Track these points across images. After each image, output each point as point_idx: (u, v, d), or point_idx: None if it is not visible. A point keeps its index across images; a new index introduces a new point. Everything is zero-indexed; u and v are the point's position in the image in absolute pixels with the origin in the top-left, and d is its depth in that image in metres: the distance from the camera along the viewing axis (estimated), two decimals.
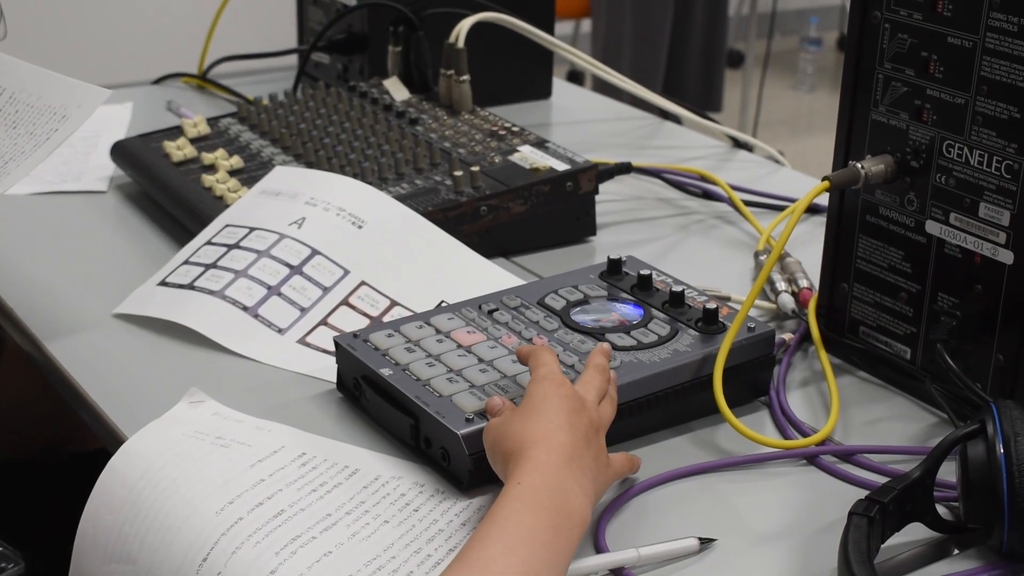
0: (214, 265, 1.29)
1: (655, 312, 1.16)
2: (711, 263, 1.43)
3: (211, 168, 1.51)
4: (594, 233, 1.48)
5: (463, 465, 1.00)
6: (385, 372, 1.07)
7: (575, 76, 4.53)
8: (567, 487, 0.90)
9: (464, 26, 1.61)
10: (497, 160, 1.47)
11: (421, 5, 1.71)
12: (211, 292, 1.25)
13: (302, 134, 1.55)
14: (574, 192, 1.44)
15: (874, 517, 0.91)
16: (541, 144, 1.50)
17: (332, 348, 1.15)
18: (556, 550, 0.86)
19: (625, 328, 1.13)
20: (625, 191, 1.62)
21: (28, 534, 1.28)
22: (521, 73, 1.94)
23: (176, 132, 1.61)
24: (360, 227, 1.32)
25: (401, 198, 1.38)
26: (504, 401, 0.99)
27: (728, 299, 1.29)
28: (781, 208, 1.55)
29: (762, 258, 1.39)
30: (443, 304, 1.25)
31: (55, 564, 1.11)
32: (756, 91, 4.54)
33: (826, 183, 1.13)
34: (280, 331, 1.22)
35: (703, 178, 1.62)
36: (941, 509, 0.97)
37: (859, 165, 1.13)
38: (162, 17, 4.23)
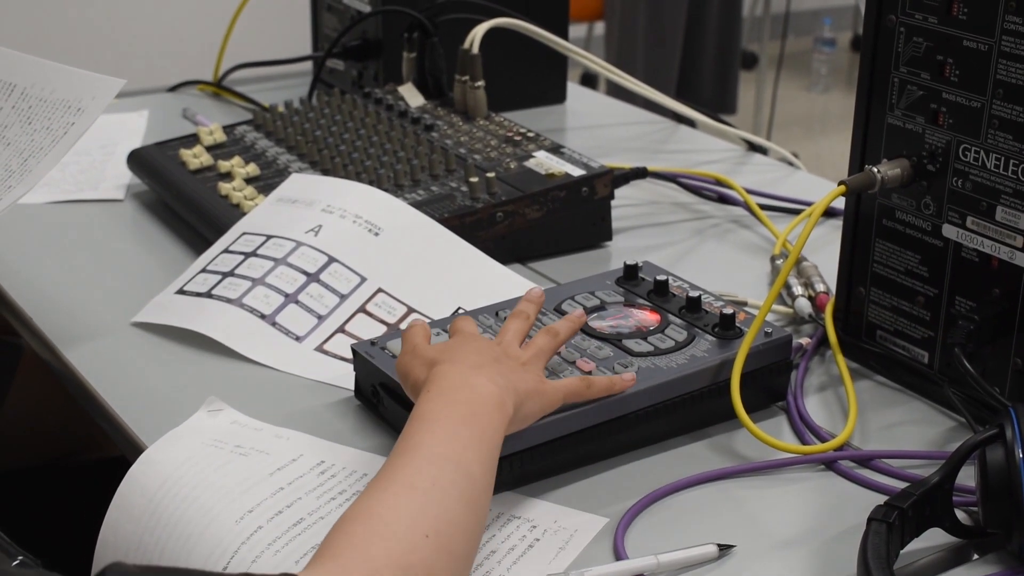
0: (231, 273, 1.29)
1: (672, 318, 1.16)
2: (727, 268, 1.43)
3: (227, 176, 1.51)
4: (610, 238, 1.48)
5: None
6: None
7: (588, 79, 4.53)
8: (475, 382, 0.97)
9: (479, 32, 1.61)
10: (513, 166, 1.47)
11: (436, 11, 1.71)
12: (229, 300, 1.26)
13: (318, 141, 1.55)
14: (590, 197, 1.44)
15: (893, 522, 0.90)
16: (556, 149, 1.51)
17: (350, 355, 1.15)
18: (479, 430, 0.93)
19: (642, 334, 1.13)
20: (640, 196, 1.62)
21: (47, 541, 1.28)
22: (535, 78, 1.94)
23: (192, 140, 1.62)
24: (377, 234, 1.33)
25: (417, 204, 1.38)
26: (417, 328, 1.07)
27: (745, 304, 1.29)
28: (797, 212, 1.55)
29: (778, 262, 1.39)
30: (460, 311, 1.25)
31: (74, 572, 1.12)
32: (770, 92, 4.54)
33: (842, 187, 1.13)
34: (297, 339, 1.23)
35: (718, 182, 1.62)
36: (960, 514, 0.97)
37: (875, 169, 1.13)
38: (177, 25, 4.24)
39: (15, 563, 0.96)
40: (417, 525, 0.84)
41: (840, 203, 1.20)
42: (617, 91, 2.61)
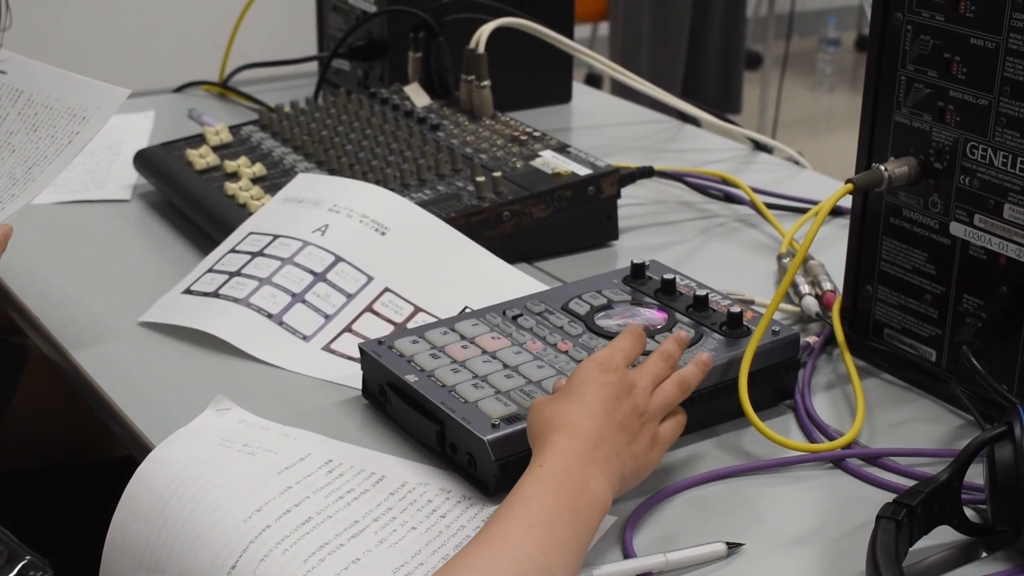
0: (238, 273, 1.29)
1: (679, 316, 1.16)
2: (734, 266, 1.43)
3: (234, 176, 1.51)
4: (616, 237, 1.48)
5: (489, 471, 1.00)
6: (410, 378, 1.08)
7: (593, 80, 4.53)
8: (588, 473, 0.92)
9: (484, 31, 1.61)
10: (519, 165, 1.47)
11: (441, 11, 1.71)
12: (236, 300, 1.26)
13: (324, 141, 1.55)
14: (596, 196, 1.44)
15: (902, 520, 0.90)
16: (563, 149, 1.50)
17: (357, 355, 1.15)
18: (575, 531, 0.89)
19: (649, 333, 1.13)
20: (647, 195, 1.62)
21: (55, 541, 1.28)
22: (541, 78, 1.94)
23: (198, 140, 1.62)
24: (383, 233, 1.33)
25: (424, 204, 1.38)
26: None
27: (752, 303, 1.29)
28: (803, 211, 1.55)
29: (785, 261, 1.39)
30: (467, 310, 1.25)
31: (83, 572, 1.12)
32: (775, 92, 4.54)
33: (849, 185, 1.13)
34: (305, 338, 1.23)
35: (724, 181, 1.62)
36: (969, 512, 0.97)
37: (882, 167, 1.13)
38: (183, 26, 4.24)
39: (22, 563, 0.97)
40: None
41: (846, 202, 1.20)
42: (622, 91, 2.61)
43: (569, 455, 0.93)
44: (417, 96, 1.67)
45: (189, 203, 1.49)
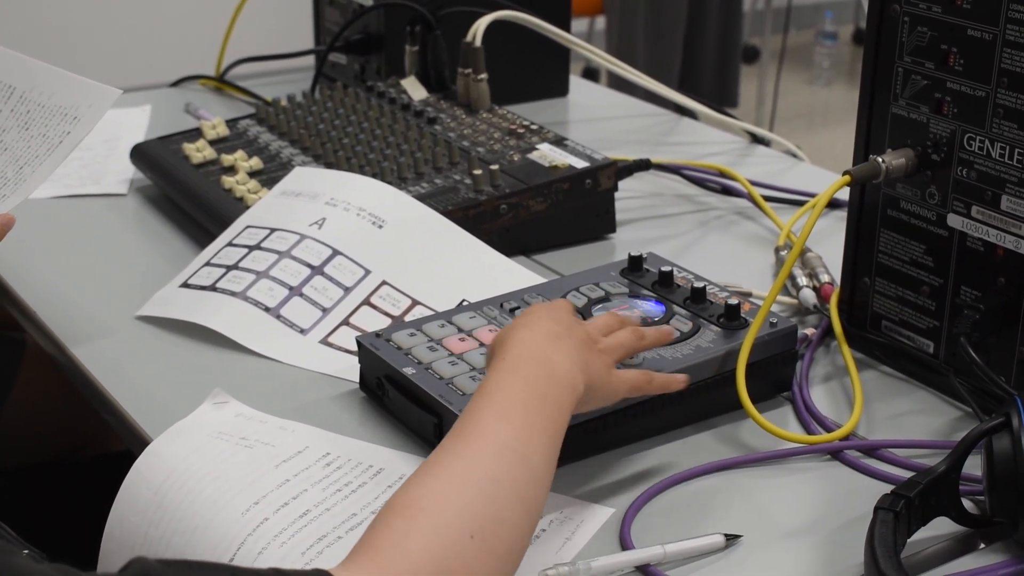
0: (236, 266, 1.29)
1: (677, 308, 1.16)
2: (731, 259, 1.43)
3: (231, 170, 1.51)
4: (614, 230, 1.48)
5: None
6: (408, 371, 1.07)
7: (590, 73, 4.52)
8: (553, 357, 0.93)
9: (481, 25, 1.61)
10: (516, 158, 1.47)
11: (438, 4, 1.71)
12: (233, 293, 1.25)
13: (321, 135, 1.55)
14: (593, 189, 1.44)
15: (900, 512, 0.90)
16: (560, 142, 1.50)
17: (354, 348, 1.15)
18: (546, 416, 0.89)
19: (647, 325, 1.13)
20: (644, 188, 1.62)
21: (52, 536, 1.28)
22: (538, 71, 1.94)
23: (195, 134, 1.62)
24: (380, 227, 1.33)
25: (421, 197, 1.38)
26: None
27: (749, 295, 1.29)
28: (800, 203, 1.55)
29: (783, 253, 1.39)
30: (464, 303, 1.25)
31: (81, 566, 1.12)
32: (772, 86, 4.54)
33: (847, 177, 1.13)
34: (302, 331, 1.23)
35: (722, 174, 1.62)
36: (967, 503, 0.97)
37: (880, 159, 1.13)
38: (179, 20, 4.24)
39: (24, 554, 0.97)
40: (464, 524, 0.80)
41: (844, 194, 1.20)
42: (619, 84, 2.61)
43: (532, 344, 0.94)
44: (414, 89, 1.67)
45: (186, 197, 1.49)
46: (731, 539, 0.95)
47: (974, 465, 0.97)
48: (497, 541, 0.81)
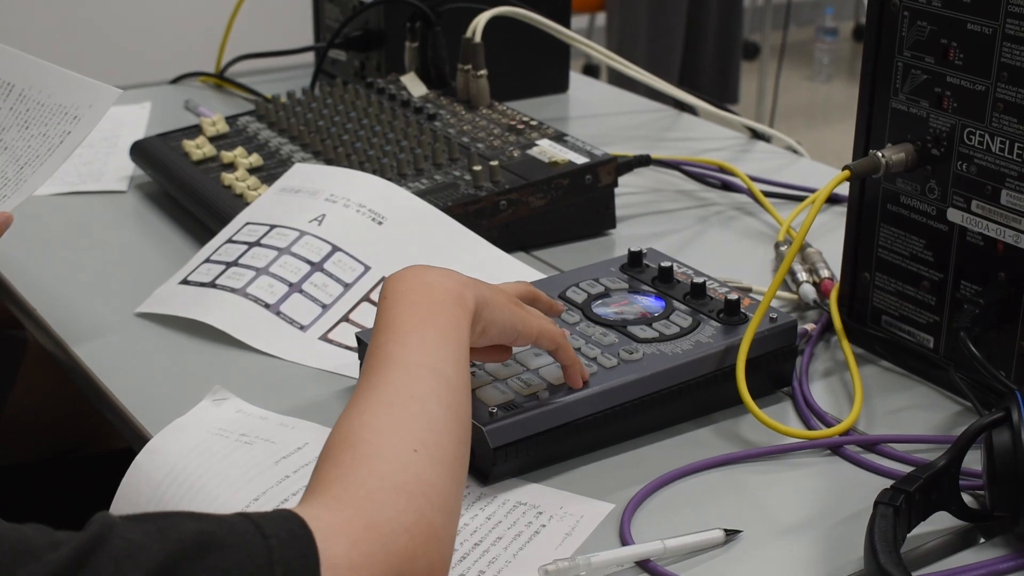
0: (235, 263, 1.29)
1: (676, 304, 1.16)
2: (731, 254, 1.43)
3: (230, 166, 1.51)
4: (614, 226, 1.48)
5: (487, 459, 1.00)
6: None
7: (590, 70, 4.52)
8: (425, 279, 0.95)
9: (481, 21, 1.61)
10: (516, 154, 1.47)
11: (437, 1, 1.71)
12: (233, 290, 1.25)
13: (321, 131, 1.55)
14: (593, 185, 1.44)
15: (900, 506, 0.90)
16: (559, 138, 1.50)
17: (354, 344, 1.15)
18: (440, 328, 0.92)
19: (647, 320, 1.13)
20: (644, 183, 1.62)
21: None
22: (538, 67, 1.94)
23: (195, 131, 1.62)
24: (380, 223, 1.33)
25: (420, 193, 1.38)
26: None
27: (749, 290, 1.29)
28: (800, 199, 1.55)
29: (783, 249, 1.39)
30: None
31: None
32: (772, 82, 4.53)
33: (847, 172, 1.13)
34: (302, 328, 1.23)
35: (722, 169, 1.62)
36: (967, 497, 0.97)
37: (879, 154, 1.13)
38: (179, 17, 4.24)
39: None
40: (403, 441, 0.83)
41: (844, 189, 1.20)
42: (619, 81, 2.61)
43: (407, 275, 0.96)
44: (414, 86, 1.67)
45: (186, 194, 1.49)
46: (731, 534, 0.95)
47: (974, 460, 0.97)
48: (439, 450, 0.84)
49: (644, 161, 1.55)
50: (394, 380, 0.88)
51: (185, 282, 1.29)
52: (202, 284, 1.28)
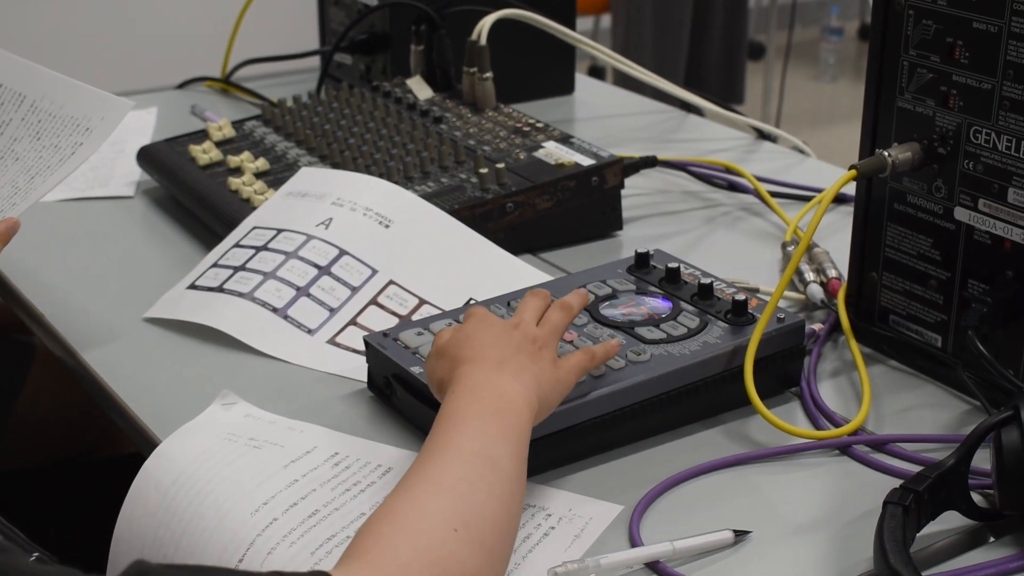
0: (243, 267, 1.29)
1: (684, 305, 1.16)
2: (738, 255, 1.43)
3: (237, 171, 1.51)
4: (620, 227, 1.48)
5: None
6: (416, 370, 1.07)
7: (596, 71, 4.52)
8: (499, 381, 0.96)
9: (486, 23, 1.61)
10: (522, 156, 1.47)
11: (443, 3, 1.71)
12: (240, 294, 1.26)
13: (327, 135, 1.55)
14: (600, 187, 1.44)
15: (909, 506, 0.90)
16: (566, 140, 1.50)
17: (362, 347, 1.15)
18: (504, 425, 0.93)
19: (654, 321, 1.13)
20: (651, 185, 1.62)
21: (62, 539, 1.28)
22: (544, 69, 1.94)
23: (201, 136, 1.62)
24: (387, 226, 1.33)
25: (427, 196, 1.38)
26: (445, 332, 1.05)
27: (757, 290, 1.29)
28: (807, 199, 1.55)
29: (790, 249, 1.39)
30: (471, 301, 1.25)
31: (90, 569, 1.12)
32: (778, 83, 4.53)
33: (853, 172, 1.13)
34: (310, 332, 1.23)
35: (728, 170, 1.62)
36: (976, 497, 0.96)
37: (886, 153, 1.13)
38: (184, 21, 4.24)
39: (32, 559, 0.97)
40: (445, 520, 0.84)
41: (850, 189, 1.20)
42: (625, 82, 2.61)
43: (478, 374, 0.97)
44: (419, 89, 1.67)
45: (193, 199, 1.49)
46: (740, 535, 0.95)
47: (983, 459, 0.97)
48: (481, 534, 0.85)
49: (650, 162, 1.55)
50: (447, 463, 0.89)
51: (193, 287, 1.29)
52: (210, 289, 1.28)
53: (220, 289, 1.27)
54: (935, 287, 1.15)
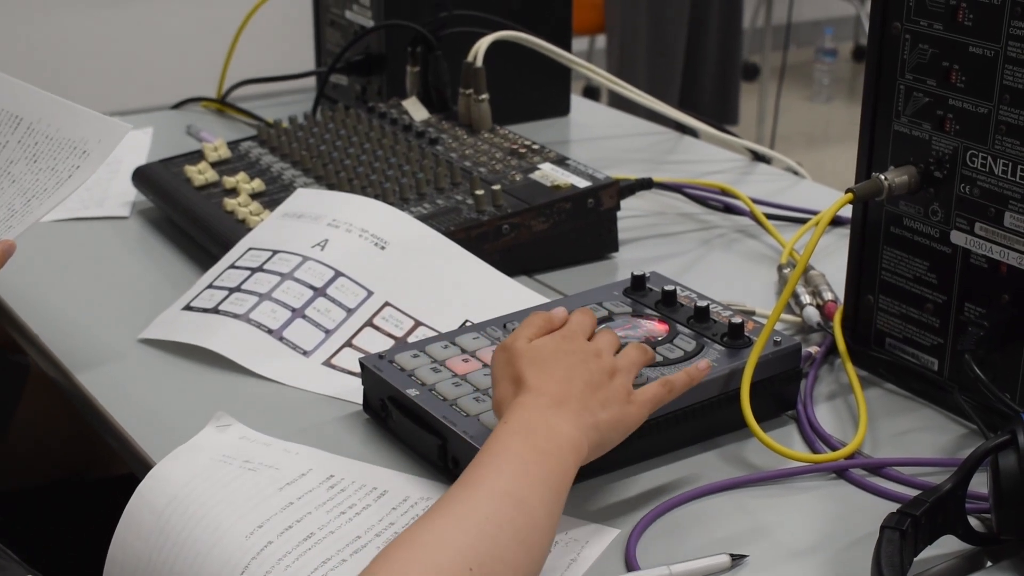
0: (238, 288, 1.29)
1: (680, 328, 1.16)
2: (734, 277, 1.43)
3: (233, 192, 1.51)
4: (616, 249, 1.48)
5: None
6: (411, 392, 1.07)
7: (591, 92, 4.53)
8: (554, 421, 0.94)
9: (482, 45, 1.61)
10: (518, 178, 1.47)
11: (439, 25, 1.71)
12: (236, 316, 1.25)
13: (323, 156, 1.55)
14: (596, 209, 1.44)
15: (906, 530, 0.90)
16: (561, 161, 1.50)
17: (358, 369, 1.15)
18: (547, 470, 0.91)
19: (651, 344, 1.13)
20: (646, 207, 1.62)
21: (56, 560, 1.28)
22: (539, 91, 1.94)
23: (197, 156, 1.62)
24: (383, 248, 1.32)
25: (423, 218, 1.38)
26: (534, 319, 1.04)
27: (753, 313, 1.29)
28: (803, 221, 1.55)
29: (786, 271, 1.39)
30: (467, 323, 1.25)
31: None
32: (772, 103, 4.54)
33: (850, 195, 1.13)
34: (305, 353, 1.22)
35: (724, 192, 1.62)
36: (973, 521, 0.96)
37: (882, 176, 1.13)
38: (180, 42, 4.25)
39: None
40: (463, 557, 0.83)
41: (846, 211, 1.20)
42: (620, 103, 2.61)
43: (533, 408, 0.95)
44: (415, 110, 1.67)
45: (188, 219, 1.49)
46: (737, 559, 0.95)
47: (980, 483, 0.96)
48: None
49: (646, 184, 1.55)
50: (478, 501, 0.88)
51: (188, 308, 1.29)
52: (205, 310, 1.28)
53: (215, 310, 1.27)
54: (931, 310, 1.15)
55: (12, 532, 1.20)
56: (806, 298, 1.30)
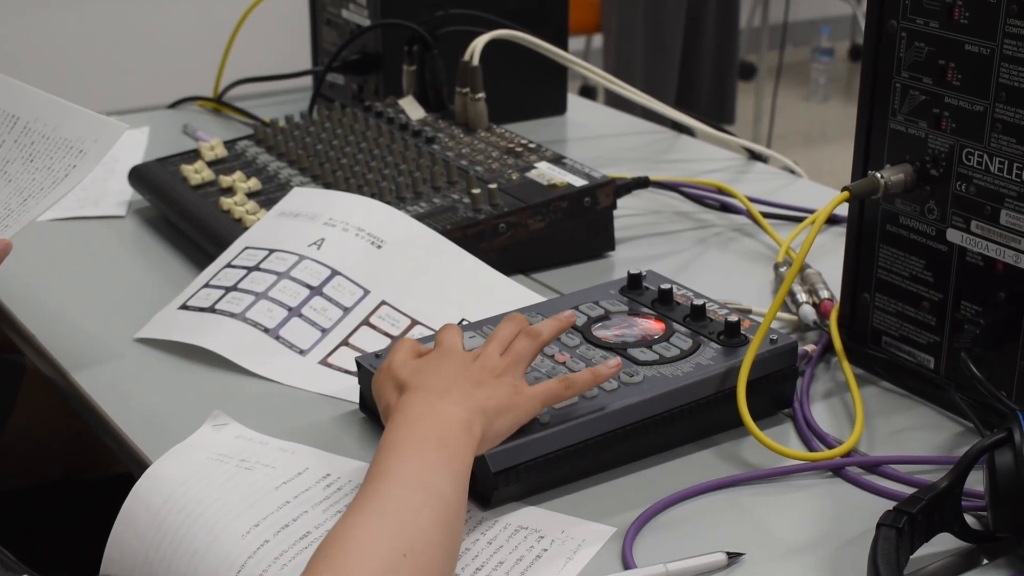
0: (234, 288, 1.29)
1: (676, 326, 1.16)
2: (731, 276, 1.43)
3: (229, 191, 1.51)
4: (613, 248, 1.48)
5: (488, 484, 1.00)
6: None
7: (587, 91, 4.53)
8: (439, 408, 0.97)
9: (478, 44, 1.61)
10: (514, 177, 1.47)
11: (435, 24, 1.71)
12: (232, 315, 1.25)
13: (319, 155, 1.55)
14: (592, 207, 1.44)
15: (903, 528, 0.90)
16: (558, 160, 1.50)
17: (354, 368, 1.15)
18: (444, 453, 0.94)
19: (647, 342, 1.13)
20: (643, 205, 1.62)
21: (53, 559, 1.28)
22: (536, 90, 1.94)
23: (193, 155, 1.62)
24: (379, 247, 1.32)
25: (419, 217, 1.38)
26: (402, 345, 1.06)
27: (749, 311, 1.29)
28: (799, 219, 1.55)
29: (782, 270, 1.39)
30: (464, 322, 1.25)
31: None
32: (769, 103, 4.54)
33: (846, 193, 1.13)
34: (301, 352, 1.22)
35: (720, 191, 1.62)
36: (969, 519, 0.96)
37: (878, 175, 1.13)
38: (177, 41, 4.24)
39: None
40: (394, 545, 0.86)
41: (842, 210, 1.20)
42: (616, 102, 2.61)
43: (419, 402, 0.98)
44: (412, 109, 1.67)
45: (184, 218, 1.49)
46: (733, 557, 0.95)
47: (976, 480, 0.96)
48: (427, 560, 0.87)
49: (643, 183, 1.55)
50: (391, 491, 0.90)
51: (184, 307, 1.29)
52: (201, 309, 1.28)
53: (212, 309, 1.27)
54: (928, 308, 1.15)
55: (9, 531, 1.20)
56: (802, 296, 1.30)
